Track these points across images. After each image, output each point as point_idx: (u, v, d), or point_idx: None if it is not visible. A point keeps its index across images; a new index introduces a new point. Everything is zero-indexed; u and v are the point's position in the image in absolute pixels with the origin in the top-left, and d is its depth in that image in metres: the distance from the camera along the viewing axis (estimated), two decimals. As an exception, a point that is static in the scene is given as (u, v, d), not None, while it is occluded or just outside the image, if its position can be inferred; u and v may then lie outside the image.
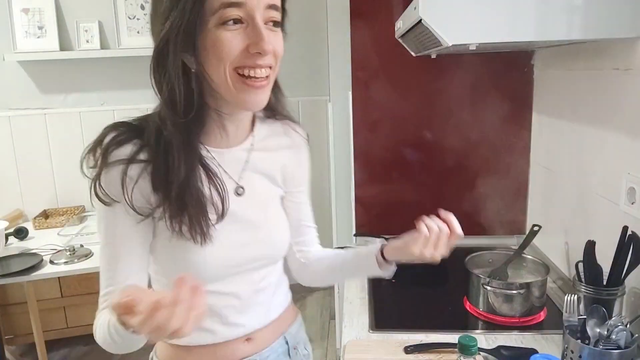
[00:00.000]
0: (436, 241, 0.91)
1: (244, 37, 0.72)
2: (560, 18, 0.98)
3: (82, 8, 2.78)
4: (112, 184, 0.76)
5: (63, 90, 2.88)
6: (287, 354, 0.96)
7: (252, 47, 0.72)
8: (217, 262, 0.82)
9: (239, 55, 0.73)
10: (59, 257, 2.23)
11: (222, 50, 0.72)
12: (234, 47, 0.72)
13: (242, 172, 0.87)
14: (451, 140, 1.71)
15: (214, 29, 0.71)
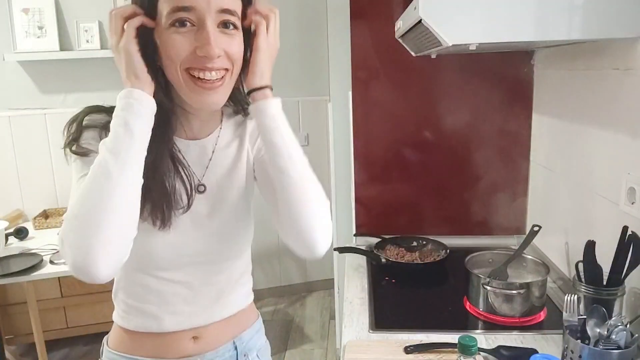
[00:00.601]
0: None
1: (192, 39, 0.74)
2: (560, 18, 0.98)
3: (82, 8, 2.78)
4: (90, 139, 0.79)
5: (63, 90, 2.88)
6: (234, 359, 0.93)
7: (199, 50, 0.74)
8: (171, 250, 0.83)
9: (188, 56, 0.74)
10: (59, 257, 2.23)
11: (172, 51, 0.75)
12: (183, 48, 0.74)
13: (206, 169, 0.87)
14: (451, 140, 1.71)
15: (166, 29, 0.74)
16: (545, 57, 1.55)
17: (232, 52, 0.77)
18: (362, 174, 1.76)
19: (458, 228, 1.74)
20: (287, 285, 3.38)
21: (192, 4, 0.72)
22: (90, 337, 2.83)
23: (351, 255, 1.64)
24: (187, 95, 0.78)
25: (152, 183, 0.78)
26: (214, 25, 0.74)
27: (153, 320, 0.88)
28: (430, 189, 1.75)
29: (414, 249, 1.63)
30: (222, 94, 0.79)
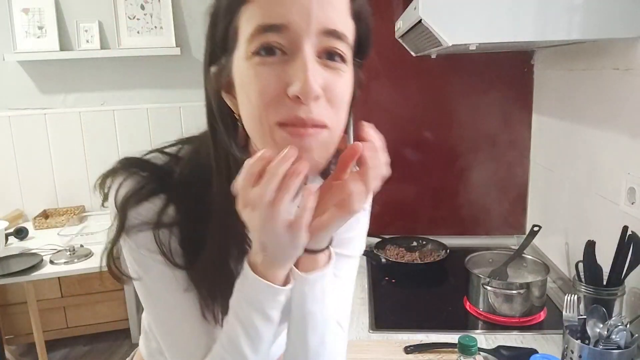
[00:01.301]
0: None
1: (282, 74, 0.51)
2: (560, 18, 0.98)
3: (82, 8, 2.78)
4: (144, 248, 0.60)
5: (63, 90, 2.88)
6: None
7: (292, 90, 0.50)
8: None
9: (276, 103, 0.51)
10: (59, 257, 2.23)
11: (252, 90, 0.52)
12: (269, 87, 0.51)
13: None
14: (451, 140, 1.71)
15: (246, 59, 0.52)
16: (545, 57, 1.55)
17: (336, 94, 0.54)
18: (362, 174, 1.76)
19: (458, 228, 1.74)
20: (287, 285, 3.38)
21: (285, 20, 0.50)
22: (90, 337, 2.83)
23: (351, 255, 1.63)
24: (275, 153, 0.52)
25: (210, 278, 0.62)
26: (313, 53, 0.52)
27: None
28: (430, 189, 1.75)
29: (414, 249, 1.63)
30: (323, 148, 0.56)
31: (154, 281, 0.62)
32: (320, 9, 0.51)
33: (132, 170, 0.62)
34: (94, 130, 2.92)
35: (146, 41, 2.82)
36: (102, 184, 0.63)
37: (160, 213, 0.60)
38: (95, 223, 2.71)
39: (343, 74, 0.55)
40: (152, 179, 0.62)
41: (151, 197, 0.61)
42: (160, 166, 0.63)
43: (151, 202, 0.60)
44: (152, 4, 2.80)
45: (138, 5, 2.80)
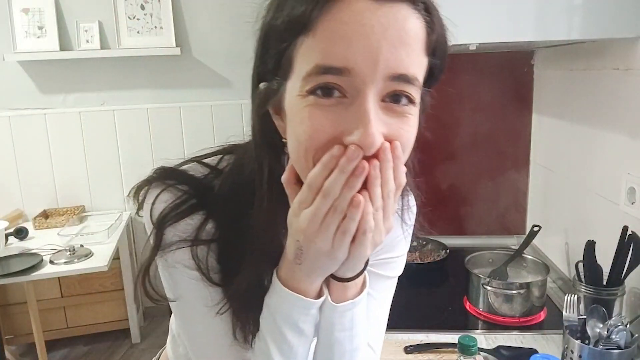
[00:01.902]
0: None
1: (339, 119, 0.46)
2: (560, 18, 0.98)
3: (82, 8, 2.78)
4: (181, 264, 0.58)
5: (63, 90, 2.88)
6: None
7: (347, 136, 0.46)
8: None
9: (327, 146, 0.46)
10: (59, 257, 2.23)
11: (303, 131, 0.47)
12: (322, 130, 0.47)
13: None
14: (451, 140, 1.71)
15: (300, 96, 0.48)
16: (545, 57, 1.55)
17: (402, 139, 0.48)
18: (362, 174, 1.76)
19: (458, 228, 1.74)
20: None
21: (349, 64, 0.45)
22: (90, 337, 2.83)
23: (351, 255, 1.63)
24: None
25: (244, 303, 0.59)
26: (376, 99, 0.47)
27: None
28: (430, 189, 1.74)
29: (414, 249, 1.63)
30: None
31: (188, 299, 0.60)
32: (391, 51, 0.45)
33: (169, 183, 0.59)
34: (94, 130, 2.92)
35: (146, 41, 2.82)
36: (137, 195, 0.60)
37: (198, 229, 0.57)
38: (95, 223, 2.71)
39: (410, 117, 0.49)
40: (190, 193, 0.58)
41: (190, 213, 0.58)
42: (199, 179, 0.60)
43: (190, 219, 0.57)
44: (152, 4, 2.80)
45: (138, 5, 2.80)
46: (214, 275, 0.59)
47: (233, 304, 0.59)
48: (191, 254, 0.58)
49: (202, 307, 0.59)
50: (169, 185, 0.58)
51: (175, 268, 0.58)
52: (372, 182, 0.46)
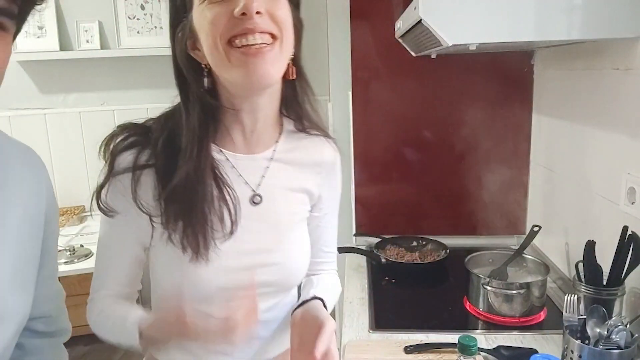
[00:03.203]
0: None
1: (228, 6, 0.66)
2: (560, 18, 0.98)
3: (82, 8, 2.78)
4: (118, 194, 0.74)
5: (63, 90, 2.88)
6: None
7: (237, 10, 0.64)
8: (214, 284, 0.73)
9: (227, 24, 0.65)
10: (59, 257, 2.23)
11: (208, 24, 0.66)
12: (220, 16, 0.66)
13: (262, 180, 0.78)
14: (451, 140, 1.71)
15: (199, 6, 0.69)
16: (545, 57, 1.55)
17: (277, 14, 0.67)
18: (362, 174, 1.76)
19: (458, 228, 1.74)
20: (287, 285, 3.38)
21: None
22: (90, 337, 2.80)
23: (351, 255, 1.64)
24: (232, 74, 0.68)
25: (185, 204, 0.70)
26: None
27: (190, 357, 0.80)
28: (430, 189, 1.75)
29: (414, 249, 1.63)
30: (271, 63, 0.67)
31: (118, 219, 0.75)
32: None
33: (124, 129, 0.78)
34: (94, 130, 2.92)
35: (146, 41, 2.82)
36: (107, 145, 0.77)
37: (137, 157, 0.73)
38: (95, 223, 2.71)
39: (282, 1, 0.69)
40: (136, 133, 0.76)
41: (133, 147, 0.74)
42: (143, 125, 0.78)
43: (132, 149, 0.74)
44: (152, 4, 2.80)
45: (138, 5, 2.80)
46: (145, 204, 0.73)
47: (169, 210, 0.72)
48: (131, 182, 0.72)
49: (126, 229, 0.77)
50: (123, 130, 0.77)
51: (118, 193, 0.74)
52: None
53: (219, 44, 0.66)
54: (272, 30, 0.67)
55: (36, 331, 0.75)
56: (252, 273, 0.73)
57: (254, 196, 0.78)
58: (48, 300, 0.74)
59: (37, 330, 0.75)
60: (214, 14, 0.66)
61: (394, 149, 1.74)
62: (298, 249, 0.82)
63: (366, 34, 1.67)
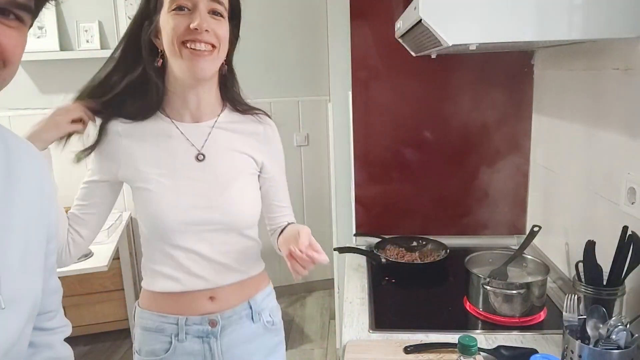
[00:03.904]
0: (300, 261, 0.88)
1: (188, 20, 0.93)
2: (560, 18, 0.98)
3: (82, 8, 2.78)
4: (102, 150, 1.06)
5: (63, 90, 2.87)
6: (250, 318, 1.06)
7: (192, 25, 0.92)
8: (174, 218, 0.97)
9: (184, 32, 0.93)
10: (59, 257, 2.22)
11: (171, 29, 0.93)
12: (180, 26, 0.93)
13: (205, 143, 1.02)
14: (451, 140, 1.71)
15: (167, 14, 0.94)
16: (545, 57, 1.55)
17: (218, 33, 0.96)
18: (362, 174, 1.76)
19: (458, 228, 1.74)
20: (287, 286, 3.37)
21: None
22: (90, 337, 2.83)
23: (351, 255, 1.64)
24: (181, 65, 0.95)
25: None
26: (205, 10, 0.94)
27: (174, 282, 1.01)
28: (430, 189, 1.75)
29: (414, 249, 1.64)
30: (211, 63, 0.96)
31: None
32: None
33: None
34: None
35: (146, 41, 2.82)
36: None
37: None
38: (95, 223, 2.71)
39: (222, 23, 0.97)
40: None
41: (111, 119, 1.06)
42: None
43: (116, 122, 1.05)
44: (152, 4, 2.80)
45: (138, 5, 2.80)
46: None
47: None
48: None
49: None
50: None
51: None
52: None
53: (175, 43, 0.94)
54: (214, 43, 0.95)
55: (43, 328, 0.76)
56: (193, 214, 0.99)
57: (198, 154, 1.01)
58: (51, 293, 0.76)
59: (44, 327, 0.76)
60: (176, 22, 0.93)
61: (393, 149, 1.74)
62: (239, 196, 1.03)
63: (366, 34, 1.67)
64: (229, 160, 1.03)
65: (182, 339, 1.01)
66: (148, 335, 1.03)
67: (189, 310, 1.01)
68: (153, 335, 1.03)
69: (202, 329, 1.02)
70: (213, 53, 0.95)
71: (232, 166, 1.03)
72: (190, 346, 1.02)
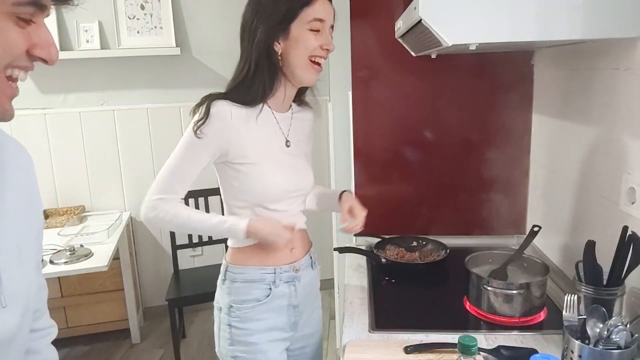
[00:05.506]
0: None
1: (322, 39, 1.14)
2: (560, 18, 0.98)
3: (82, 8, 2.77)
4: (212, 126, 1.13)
5: (63, 90, 2.89)
6: (310, 266, 1.32)
7: (325, 45, 1.14)
8: (279, 187, 1.19)
9: (316, 49, 1.14)
10: (59, 257, 2.23)
11: (310, 45, 1.13)
12: (316, 44, 1.13)
13: (289, 131, 1.25)
14: (451, 140, 1.71)
15: (304, 30, 1.12)
16: (545, 57, 1.55)
17: (332, 48, 1.18)
18: (362, 174, 1.76)
19: (458, 228, 1.74)
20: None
21: (324, 17, 1.13)
22: (90, 337, 2.83)
23: (351, 255, 1.64)
24: (306, 76, 1.17)
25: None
26: (329, 29, 1.16)
27: (265, 254, 1.22)
28: (430, 189, 1.75)
29: (414, 249, 1.64)
30: (319, 75, 1.19)
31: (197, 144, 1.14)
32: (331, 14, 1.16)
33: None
34: (94, 130, 2.92)
35: (146, 41, 2.83)
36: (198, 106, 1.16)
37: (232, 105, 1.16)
38: (95, 223, 2.72)
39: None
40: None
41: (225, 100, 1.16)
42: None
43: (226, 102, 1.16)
44: (152, 4, 2.81)
45: (138, 5, 2.80)
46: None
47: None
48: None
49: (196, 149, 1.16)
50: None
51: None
52: None
53: (305, 58, 1.14)
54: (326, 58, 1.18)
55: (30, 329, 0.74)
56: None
57: (286, 142, 1.24)
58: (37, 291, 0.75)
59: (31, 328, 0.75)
60: (313, 41, 1.13)
61: (393, 149, 1.74)
62: (309, 167, 1.32)
63: (366, 34, 1.67)
64: (301, 141, 1.28)
65: (278, 284, 1.22)
66: (249, 285, 1.22)
67: (280, 260, 1.23)
68: (255, 285, 1.22)
69: (290, 275, 1.25)
70: (321, 67, 1.17)
71: (302, 145, 1.29)
72: (282, 290, 1.23)
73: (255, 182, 1.17)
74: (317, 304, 1.39)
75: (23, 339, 0.68)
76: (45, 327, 0.81)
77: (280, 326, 1.25)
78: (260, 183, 1.17)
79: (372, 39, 1.67)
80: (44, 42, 0.60)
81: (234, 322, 1.22)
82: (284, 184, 1.20)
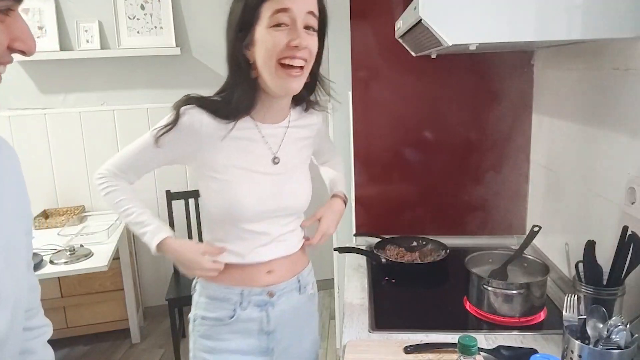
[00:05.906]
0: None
1: (287, 36, 0.96)
2: (560, 18, 0.98)
3: (82, 8, 2.78)
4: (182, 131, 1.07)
5: (63, 90, 2.89)
6: (297, 290, 1.19)
7: (291, 42, 0.95)
8: (249, 207, 1.07)
9: (282, 49, 0.96)
10: (59, 257, 2.23)
11: (272, 45, 0.96)
12: (278, 41, 0.96)
13: (280, 145, 1.12)
14: (451, 140, 1.71)
15: (266, 28, 0.96)
16: (545, 57, 1.55)
17: (312, 49, 1.00)
18: (362, 174, 1.76)
19: (458, 228, 1.74)
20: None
21: (289, 5, 0.94)
22: (90, 337, 2.83)
23: (351, 255, 1.64)
24: (274, 82, 1.00)
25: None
26: (301, 26, 0.97)
27: (238, 257, 1.11)
28: (431, 189, 1.75)
29: (414, 249, 1.63)
30: (299, 82, 1.01)
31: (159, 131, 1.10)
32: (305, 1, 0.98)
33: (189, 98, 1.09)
34: (94, 130, 2.92)
35: (146, 41, 2.83)
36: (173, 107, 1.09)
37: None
38: (95, 223, 2.71)
39: (314, 37, 1.00)
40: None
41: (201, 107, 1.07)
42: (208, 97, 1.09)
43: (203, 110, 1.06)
44: (152, 4, 2.81)
45: (138, 5, 2.80)
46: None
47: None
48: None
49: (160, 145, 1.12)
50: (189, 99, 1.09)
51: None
52: None
53: (273, 60, 0.97)
54: (306, 58, 0.99)
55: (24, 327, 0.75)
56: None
57: (274, 158, 1.11)
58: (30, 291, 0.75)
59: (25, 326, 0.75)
60: (276, 39, 0.96)
61: (394, 149, 1.74)
62: (300, 183, 1.16)
63: (366, 34, 1.67)
64: (297, 152, 1.15)
65: (245, 307, 1.12)
66: (213, 303, 1.14)
67: (250, 282, 1.12)
68: (219, 304, 1.13)
69: (261, 299, 1.13)
70: (303, 71, 1.00)
71: (298, 156, 1.16)
72: (250, 314, 1.13)
73: (222, 201, 1.07)
74: (308, 330, 1.26)
75: (16, 339, 0.68)
76: (40, 326, 0.80)
77: (249, 350, 1.15)
78: (228, 202, 1.06)
79: (372, 39, 1.67)
80: (24, 35, 0.58)
81: (197, 335, 1.16)
82: (257, 206, 1.07)
